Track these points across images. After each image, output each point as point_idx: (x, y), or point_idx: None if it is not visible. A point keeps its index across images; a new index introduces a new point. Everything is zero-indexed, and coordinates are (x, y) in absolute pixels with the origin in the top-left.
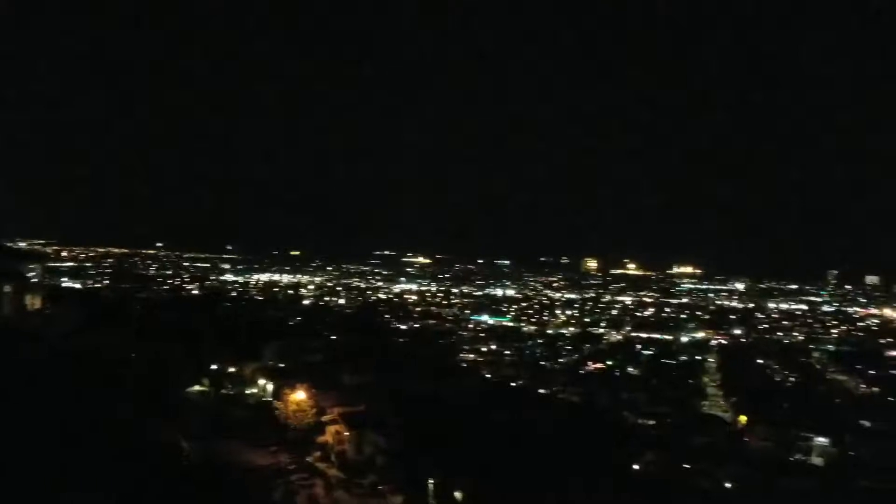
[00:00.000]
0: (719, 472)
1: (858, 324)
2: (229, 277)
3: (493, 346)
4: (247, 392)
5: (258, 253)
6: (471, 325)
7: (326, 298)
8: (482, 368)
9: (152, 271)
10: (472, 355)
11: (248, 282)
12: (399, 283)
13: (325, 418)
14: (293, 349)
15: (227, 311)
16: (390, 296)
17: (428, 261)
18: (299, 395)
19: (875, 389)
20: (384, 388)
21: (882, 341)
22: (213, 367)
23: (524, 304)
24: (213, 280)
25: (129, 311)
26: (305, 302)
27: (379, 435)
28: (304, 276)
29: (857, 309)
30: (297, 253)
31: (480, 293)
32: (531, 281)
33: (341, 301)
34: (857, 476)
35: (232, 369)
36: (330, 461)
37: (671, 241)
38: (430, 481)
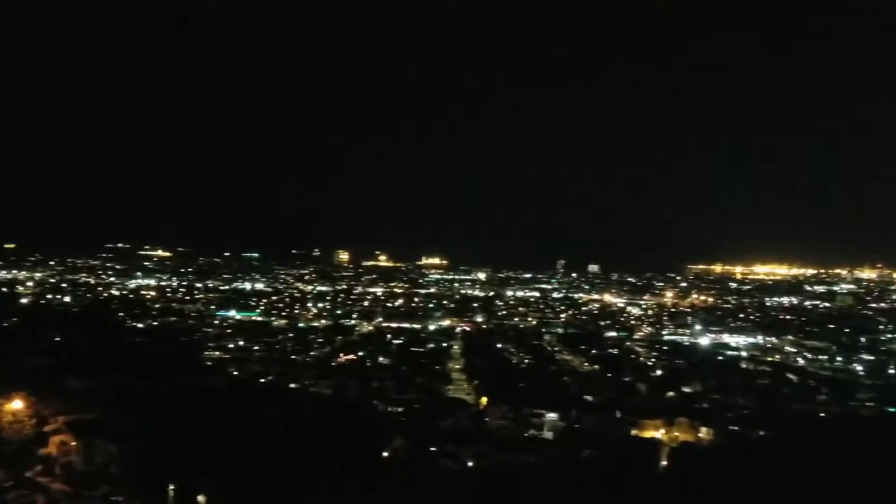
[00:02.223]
0: (463, 452)
1: (583, 308)
2: None
3: (241, 343)
4: None
5: None
6: (216, 322)
7: (49, 296)
8: (229, 366)
9: None
10: (217, 353)
11: None
12: (135, 278)
13: (47, 428)
14: (6, 352)
15: None
16: (125, 292)
17: (168, 254)
18: (15, 405)
19: (596, 367)
20: (117, 391)
21: (602, 323)
22: None
23: (274, 298)
24: None
25: None
26: (24, 300)
27: (112, 442)
28: (22, 273)
29: (582, 295)
30: (12, 246)
31: (227, 287)
32: (282, 274)
33: (67, 299)
34: (581, 446)
35: None
36: (54, 475)
37: (420, 233)
38: (171, 487)
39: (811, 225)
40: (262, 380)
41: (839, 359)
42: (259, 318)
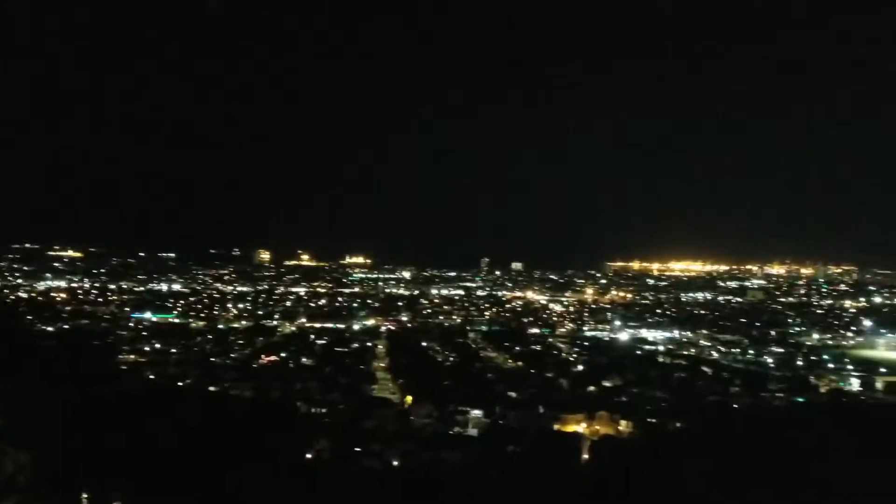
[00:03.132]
0: (388, 451)
1: (506, 306)
2: None
3: (158, 345)
4: None
5: None
6: (131, 324)
7: None
8: (145, 369)
9: None
10: (133, 356)
11: None
12: (44, 279)
13: None
14: None
15: None
16: (33, 294)
17: (79, 254)
18: None
19: (520, 364)
20: (26, 397)
21: (525, 320)
22: None
23: (192, 299)
24: None
25: None
26: None
27: (21, 450)
28: None
29: (505, 293)
30: None
31: (142, 289)
32: (200, 274)
33: None
34: (505, 442)
35: None
36: None
37: (343, 232)
38: (84, 496)
39: (725, 223)
40: (180, 383)
41: (750, 352)
42: (176, 320)
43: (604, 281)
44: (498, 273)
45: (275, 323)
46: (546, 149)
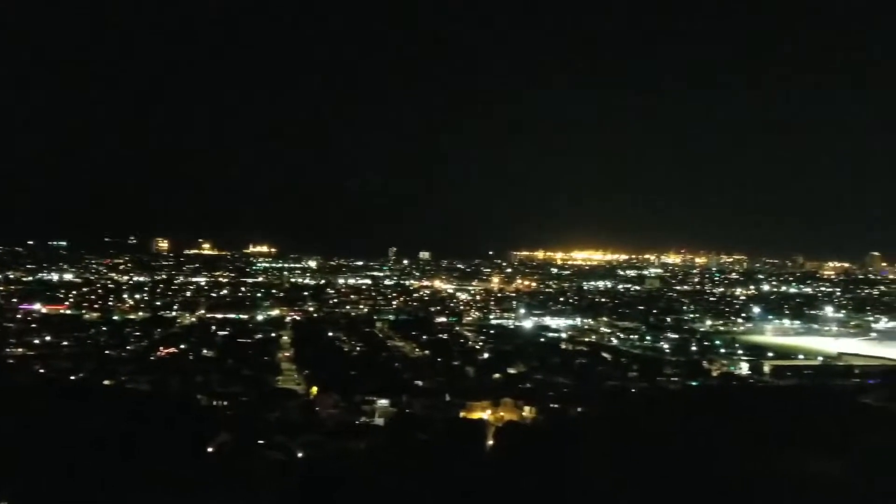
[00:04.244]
0: (293, 442)
1: (414, 295)
2: None
3: (48, 338)
4: None
5: None
6: (19, 316)
7: None
8: (34, 363)
9: None
10: (21, 349)
11: None
12: None
13: None
14: None
15: None
16: None
17: None
18: None
19: (427, 352)
20: None
21: (432, 309)
22: None
23: (86, 290)
24: None
25: None
26: None
27: None
28: None
29: (413, 282)
30: None
31: (31, 279)
32: (94, 263)
33: None
34: (412, 430)
35: None
36: None
37: (246, 221)
38: None
39: (625, 214)
40: (73, 377)
41: (648, 338)
42: (68, 312)
43: (509, 270)
44: (405, 262)
45: (174, 314)
46: (453, 138)
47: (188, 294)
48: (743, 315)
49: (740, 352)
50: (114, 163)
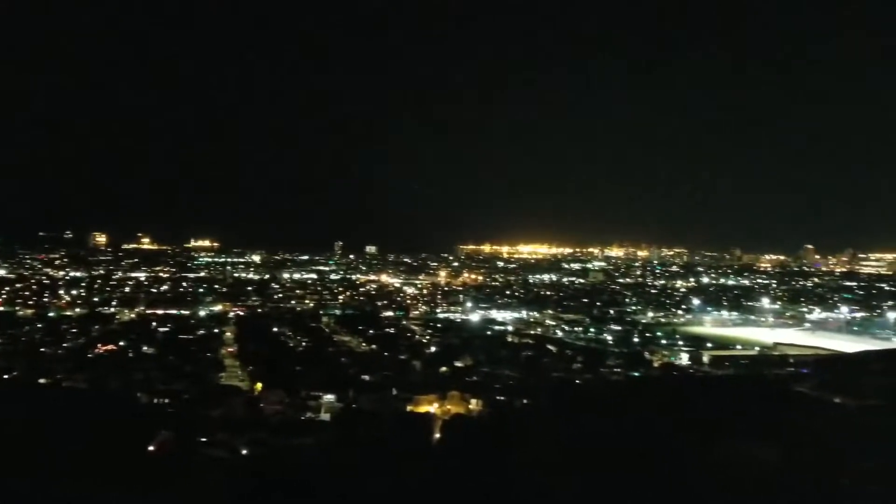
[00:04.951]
0: (236, 440)
1: (360, 289)
2: None
3: None
4: None
5: None
6: None
7: None
8: None
9: None
10: None
11: None
12: None
13: None
14: None
15: None
16: None
17: None
18: None
19: (374, 346)
20: None
21: (379, 304)
22: None
23: (19, 286)
24: None
25: None
26: None
27: None
28: None
29: (359, 276)
30: None
31: None
32: (28, 258)
33: None
34: (358, 425)
35: None
36: None
37: (188, 214)
38: None
39: (569, 208)
40: (6, 376)
41: (591, 330)
42: (1, 308)
43: (456, 264)
44: (352, 256)
45: (113, 310)
46: (396, 133)
47: (127, 290)
48: (683, 307)
49: (680, 342)
50: (49, 156)
